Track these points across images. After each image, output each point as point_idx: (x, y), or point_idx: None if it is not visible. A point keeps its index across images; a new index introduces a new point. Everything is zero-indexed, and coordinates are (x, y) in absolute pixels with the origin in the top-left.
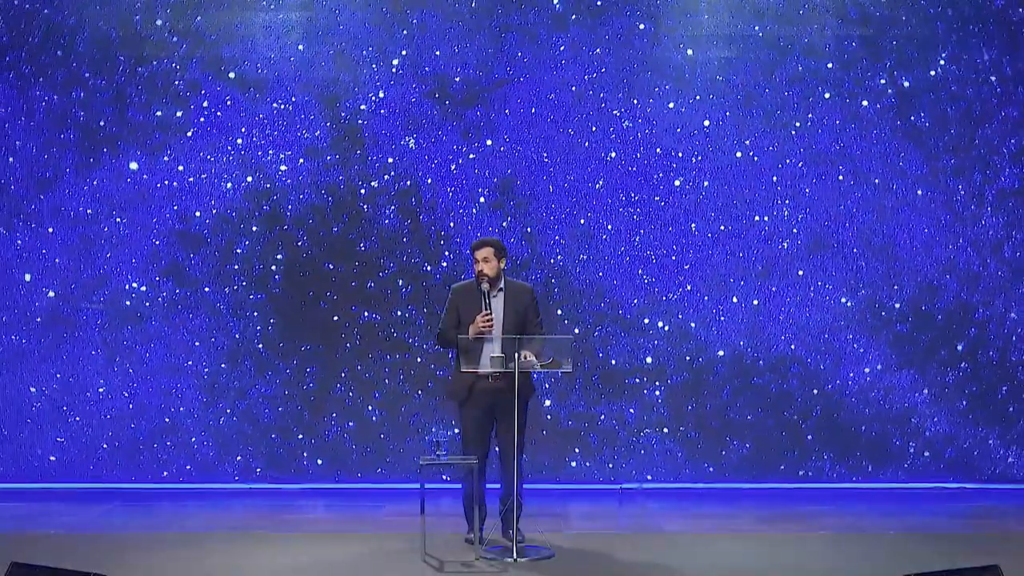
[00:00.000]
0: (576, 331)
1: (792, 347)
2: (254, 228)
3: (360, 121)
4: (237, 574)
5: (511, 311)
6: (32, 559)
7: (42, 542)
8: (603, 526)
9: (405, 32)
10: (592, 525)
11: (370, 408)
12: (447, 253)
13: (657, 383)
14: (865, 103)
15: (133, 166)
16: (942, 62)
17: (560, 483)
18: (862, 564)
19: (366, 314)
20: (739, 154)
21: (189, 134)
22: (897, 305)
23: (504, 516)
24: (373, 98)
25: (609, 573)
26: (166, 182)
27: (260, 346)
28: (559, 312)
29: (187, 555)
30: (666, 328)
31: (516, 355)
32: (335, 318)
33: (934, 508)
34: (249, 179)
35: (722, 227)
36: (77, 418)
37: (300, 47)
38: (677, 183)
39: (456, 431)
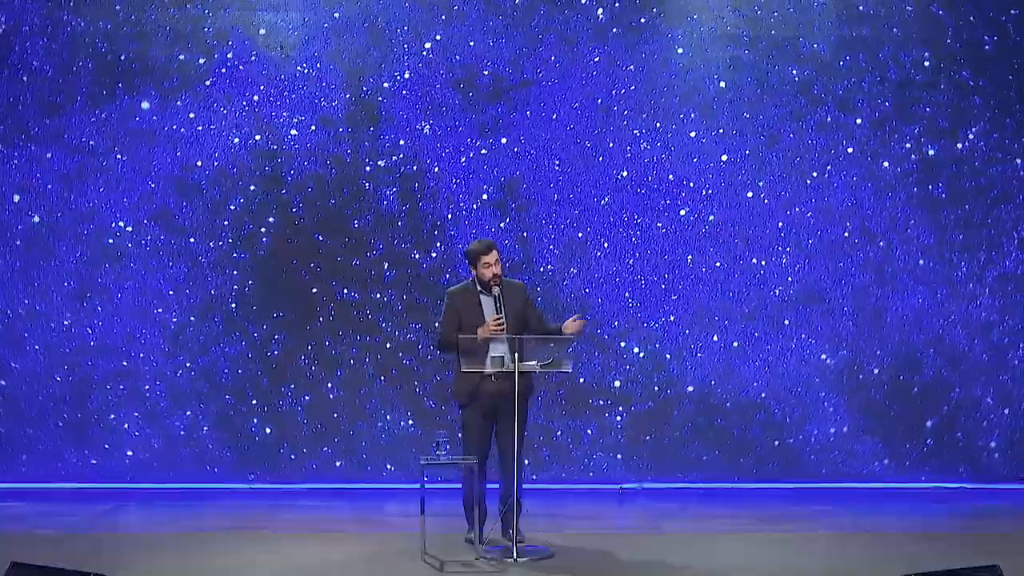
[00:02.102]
0: (551, 344)
1: (762, 395)
2: (252, 187)
3: (380, 98)
4: (237, 574)
5: (509, 310)
6: (32, 559)
7: (42, 542)
8: (603, 526)
9: (444, 17)
10: (592, 525)
11: (329, 385)
12: (439, 244)
13: (620, 408)
14: (886, 164)
15: (145, 105)
16: (971, 136)
17: (559, 483)
18: (862, 564)
19: (345, 291)
20: (750, 194)
21: (207, 83)
22: (876, 371)
23: (504, 516)
24: (398, 77)
25: (609, 573)
26: (174, 127)
27: (233, 305)
28: None
29: (187, 555)
30: (641, 355)
31: (517, 355)
32: (314, 290)
33: (934, 508)
34: (257, 137)
35: (718, 264)
36: (36, 346)
37: (336, 15)
38: (682, 212)
39: (411, 422)
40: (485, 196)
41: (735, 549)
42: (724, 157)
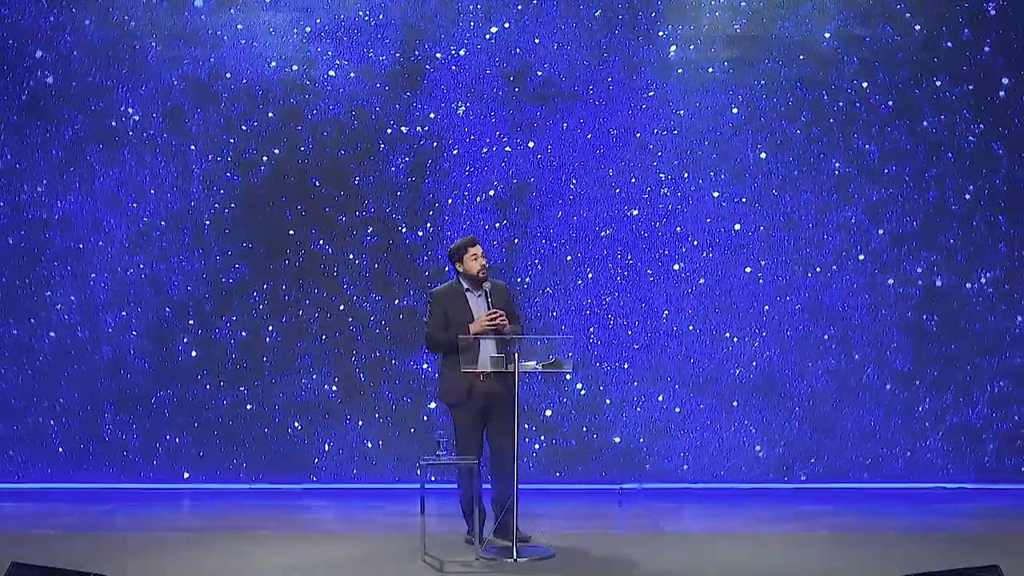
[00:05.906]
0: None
1: (684, 467)
2: (270, 114)
3: (427, 66)
4: (237, 574)
5: (496, 308)
6: (32, 559)
7: (42, 542)
8: (603, 526)
9: (519, 7)
10: (592, 525)
11: (270, 328)
12: (428, 224)
13: (543, 438)
14: (891, 281)
15: (198, 3)
16: (983, 280)
17: (558, 483)
18: (862, 564)
19: (321, 242)
20: (749, 269)
21: (268, 1)
22: (804, 477)
23: (502, 517)
24: (452, 51)
25: (609, 573)
26: (218, 33)
27: (207, 222)
28: None
29: (187, 555)
30: (582, 392)
31: (515, 355)
32: (291, 232)
33: (934, 508)
34: (294, 68)
35: (690, 327)
36: (1, 204)
37: None
38: (675, 267)
39: (334, 388)
40: (492, 192)
41: (735, 549)
42: (737, 226)
